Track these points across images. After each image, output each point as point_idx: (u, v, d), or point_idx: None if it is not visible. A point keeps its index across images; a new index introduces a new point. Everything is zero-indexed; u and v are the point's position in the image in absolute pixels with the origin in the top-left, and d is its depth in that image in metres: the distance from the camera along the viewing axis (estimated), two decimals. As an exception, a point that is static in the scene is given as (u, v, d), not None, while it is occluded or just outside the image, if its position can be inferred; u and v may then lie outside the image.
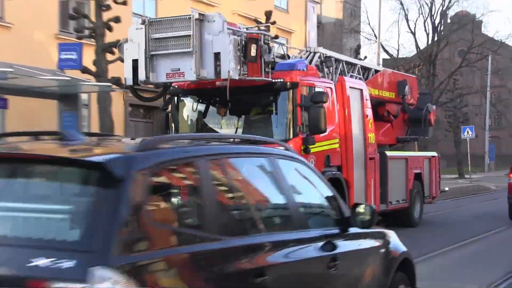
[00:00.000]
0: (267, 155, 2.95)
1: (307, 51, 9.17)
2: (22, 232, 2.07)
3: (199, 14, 7.10)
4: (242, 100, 7.80)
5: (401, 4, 29.99)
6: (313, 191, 3.28)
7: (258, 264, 2.45)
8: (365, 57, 16.80)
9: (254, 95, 7.66)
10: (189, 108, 8.02)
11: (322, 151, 7.74)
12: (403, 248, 3.72)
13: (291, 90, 7.30)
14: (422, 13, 29.19)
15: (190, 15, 7.03)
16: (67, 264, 1.80)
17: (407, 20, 30.24)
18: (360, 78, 9.99)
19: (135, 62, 7.09)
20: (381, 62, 22.95)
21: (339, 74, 9.11)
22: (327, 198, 3.23)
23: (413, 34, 30.00)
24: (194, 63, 6.79)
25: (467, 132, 22.37)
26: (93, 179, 2.15)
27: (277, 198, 3.00)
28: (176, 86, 7.72)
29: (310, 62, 8.52)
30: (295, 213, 2.93)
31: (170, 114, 8.00)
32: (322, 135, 7.53)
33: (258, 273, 2.38)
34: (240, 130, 7.70)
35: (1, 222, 2.15)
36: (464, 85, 31.20)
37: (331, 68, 9.04)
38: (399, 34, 43.35)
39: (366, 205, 3.28)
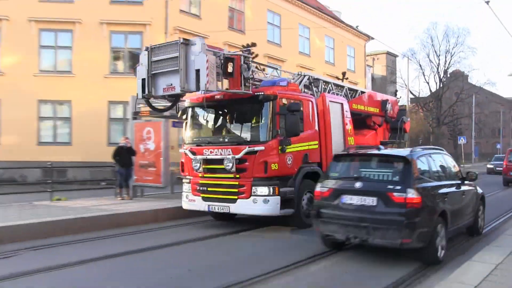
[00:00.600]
0: (440, 152, 7.79)
1: (299, 75, 10.79)
2: (378, 177, 6.64)
3: (184, 39, 8.24)
4: (234, 110, 9.36)
5: (420, 66, 48.72)
6: (452, 166, 7.77)
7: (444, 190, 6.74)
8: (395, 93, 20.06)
9: (242, 106, 9.06)
10: (199, 116, 9.72)
11: (301, 151, 9.17)
12: (481, 191, 8.47)
13: (271, 101, 8.57)
14: (432, 71, 48.97)
15: (178, 40, 8.28)
16: (397, 188, 5.99)
17: (424, 75, 54.27)
18: (345, 96, 11.89)
19: (143, 81, 8.61)
20: (409, 100, 41.13)
21: (328, 92, 11.00)
22: (456, 168, 7.85)
23: (427, 83, 49.60)
24: (180, 78, 8.05)
25: (461, 140, 37.15)
26: (400, 162, 6.43)
27: (446, 169, 7.42)
28: (189, 100, 9.48)
29: (300, 83, 10.28)
30: (449, 174, 7.38)
31: (186, 122, 9.75)
32: (301, 137, 8.97)
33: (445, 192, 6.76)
34: (232, 133, 9.26)
35: (367, 177, 6.57)
36: (458, 112, 49.53)
37: (319, 87, 10.87)
38: (419, 83, 79.21)
39: (473, 172, 8.02)
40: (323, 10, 32.05)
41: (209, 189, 9.04)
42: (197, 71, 7.92)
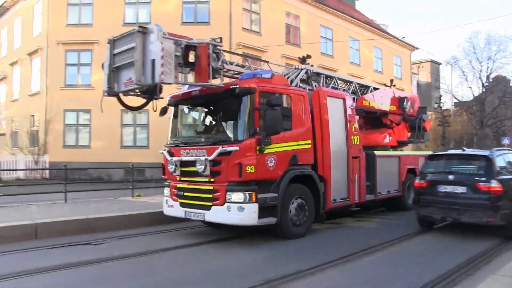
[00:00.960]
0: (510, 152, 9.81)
1: (295, 69, 10.25)
2: (466, 171, 8.84)
3: (140, 26, 7.49)
4: (211, 106, 8.79)
5: (463, 72, 50.85)
6: None
7: None
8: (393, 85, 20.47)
9: (219, 102, 8.33)
10: (178, 115, 9.18)
11: (288, 151, 8.27)
12: None
13: (249, 95, 7.72)
14: (475, 77, 53.72)
15: (135, 29, 7.52)
16: (482, 179, 8.36)
17: (467, 81, 60.19)
18: (355, 93, 11.62)
19: (108, 76, 8.03)
20: (453, 104, 48.95)
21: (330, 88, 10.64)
22: None
23: (470, 88, 56.02)
24: (135, 70, 7.35)
25: (505, 140, 38.75)
26: (483, 160, 8.74)
27: None
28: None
29: (296, 77, 9.81)
30: None
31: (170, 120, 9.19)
32: (287, 135, 8.26)
33: None
34: (208, 133, 8.62)
35: (458, 172, 8.82)
36: (501, 114, 49.53)
37: (321, 82, 10.46)
38: (462, 88, 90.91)
39: None
40: (371, 23, 35.08)
41: (185, 193, 8.37)
42: (152, 61, 7.21)
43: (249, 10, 24.99)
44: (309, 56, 21.17)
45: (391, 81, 17.43)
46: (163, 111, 9.08)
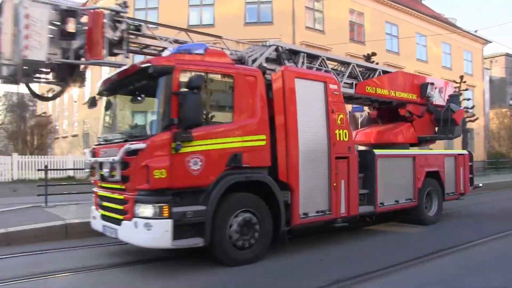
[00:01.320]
0: None
1: (263, 46, 8.05)
2: None
3: None
4: (128, 93, 6.90)
5: None
6: None
7: None
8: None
9: (136, 87, 6.49)
10: (105, 106, 7.41)
11: (222, 150, 6.24)
12: None
13: (165, 76, 5.89)
14: None
15: None
16: None
17: None
18: (353, 77, 9.41)
19: None
20: None
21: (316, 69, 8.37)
22: None
23: None
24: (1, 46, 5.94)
25: None
26: None
27: None
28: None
29: (261, 55, 7.70)
30: None
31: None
32: (221, 129, 6.33)
33: None
34: (123, 126, 7.11)
35: None
36: None
37: (300, 62, 8.25)
38: None
39: None
40: (439, 18, 33.19)
41: (103, 203, 6.75)
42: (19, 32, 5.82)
43: (312, 9, 25.00)
44: (374, 54, 20.13)
45: (461, 77, 14.74)
46: (91, 102, 7.38)
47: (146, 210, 5.72)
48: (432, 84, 11.09)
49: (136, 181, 5.85)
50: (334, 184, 7.65)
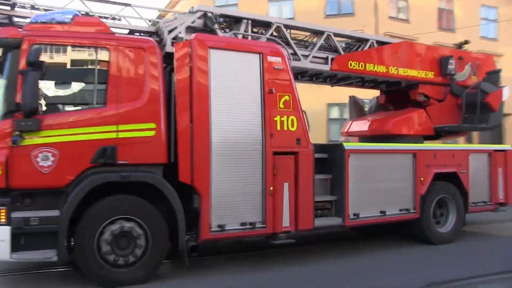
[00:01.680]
0: None
1: (189, 12, 6.35)
2: None
3: None
4: None
5: None
6: None
7: None
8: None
9: None
10: None
11: (88, 141, 4.96)
12: None
13: (14, 50, 4.80)
14: None
15: None
16: None
17: None
18: (333, 50, 7.48)
19: None
20: None
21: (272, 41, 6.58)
22: None
23: None
24: None
25: None
26: None
27: None
28: None
29: (181, 24, 6.10)
30: None
31: None
32: (85, 115, 5.02)
33: None
34: None
35: None
36: None
37: (241, 31, 6.54)
38: None
39: None
40: None
41: None
42: None
43: (396, -3, 23.29)
44: (467, 42, 17.22)
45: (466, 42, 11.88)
46: None
47: None
48: (460, 58, 8.55)
49: None
50: (271, 188, 5.77)
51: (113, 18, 6.47)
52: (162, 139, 5.26)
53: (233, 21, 6.64)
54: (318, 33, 7.44)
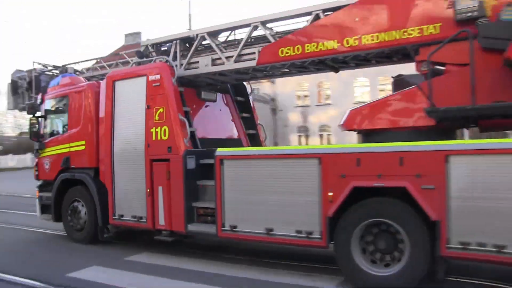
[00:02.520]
0: None
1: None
2: None
3: None
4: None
5: None
6: None
7: None
8: None
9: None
10: None
11: (57, 155, 8.20)
12: None
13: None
14: None
15: None
16: None
17: None
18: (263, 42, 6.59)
19: None
20: None
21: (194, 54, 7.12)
22: None
23: None
24: None
25: None
26: None
27: None
28: None
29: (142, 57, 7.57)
30: None
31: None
32: (52, 139, 8.42)
33: None
34: None
35: None
36: None
37: (171, 51, 7.40)
38: None
39: None
40: None
41: None
42: None
43: None
44: None
45: None
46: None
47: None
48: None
49: None
50: (148, 190, 6.91)
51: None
52: (90, 151, 7.74)
53: (164, 45, 7.64)
54: (245, 27, 6.79)
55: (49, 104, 8.58)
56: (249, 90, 8.74)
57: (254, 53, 6.60)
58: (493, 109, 4.82)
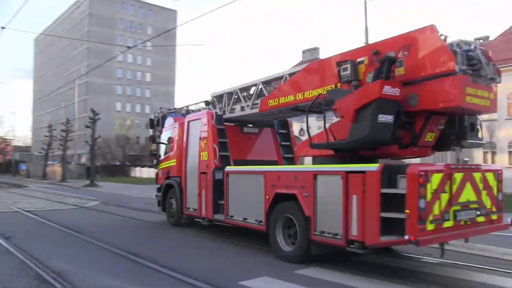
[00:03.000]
0: None
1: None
2: None
3: None
4: None
5: None
6: None
7: None
8: None
9: None
10: None
11: (164, 168, 13.34)
12: None
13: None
14: None
15: None
16: None
17: None
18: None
19: None
20: None
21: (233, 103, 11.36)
22: None
23: None
24: None
25: None
26: None
27: None
28: None
29: (208, 105, 12.24)
30: None
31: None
32: (163, 158, 13.50)
33: None
34: None
35: None
36: None
37: (223, 102, 11.80)
38: None
39: None
40: None
41: None
42: None
43: None
44: None
45: None
46: None
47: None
48: (375, 53, 7.41)
49: None
50: (198, 192, 11.41)
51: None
52: (177, 166, 12.50)
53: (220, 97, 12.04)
54: (255, 85, 10.62)
55: (163, 135, 13.69)
56: (290, 125, 12.47)
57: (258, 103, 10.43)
58: (336, 145, 7.66)
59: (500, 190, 7.37)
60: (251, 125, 12.21)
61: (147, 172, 55.77)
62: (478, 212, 6.93)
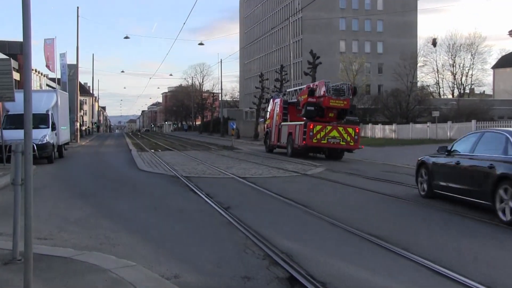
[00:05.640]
0: None
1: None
2: None
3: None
4: None
5: None
6: None
7: None
8: None
9: None
10: None
11: (267, 124, 37.53)
12: None
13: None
14: None
15: None
16: None
17: None
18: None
19: None
20: None
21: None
22: None
23: None
24: None
25: None
26: None
27: None
28: None
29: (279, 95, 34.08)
30: None
31: None
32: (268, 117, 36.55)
33: None
34: None
35: None
36: None
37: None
38: None
39: None
40: None
41: None
42: None
43: None
44: None
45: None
46: None
47: None
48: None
49: None
50: (275, 134, 31.59)
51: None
52: (271, 122, 35.41)
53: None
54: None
55: (269, 106, 36.27)
56: None
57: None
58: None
59: (357, 134, 28.51)
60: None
61: (382, 131, 55.18)
62: (339, 140, 27.95)
